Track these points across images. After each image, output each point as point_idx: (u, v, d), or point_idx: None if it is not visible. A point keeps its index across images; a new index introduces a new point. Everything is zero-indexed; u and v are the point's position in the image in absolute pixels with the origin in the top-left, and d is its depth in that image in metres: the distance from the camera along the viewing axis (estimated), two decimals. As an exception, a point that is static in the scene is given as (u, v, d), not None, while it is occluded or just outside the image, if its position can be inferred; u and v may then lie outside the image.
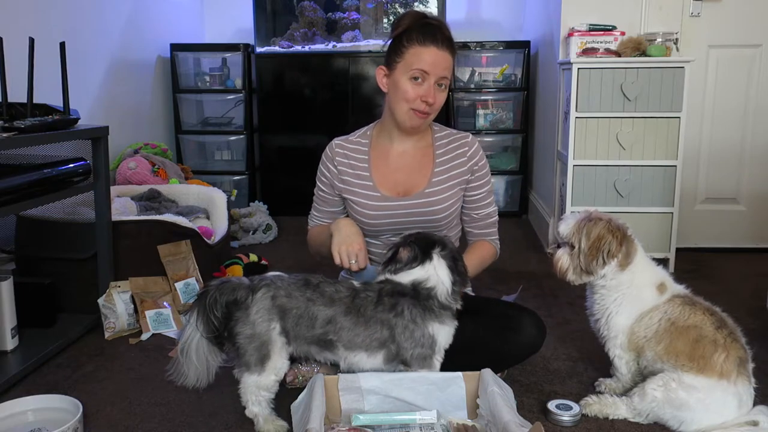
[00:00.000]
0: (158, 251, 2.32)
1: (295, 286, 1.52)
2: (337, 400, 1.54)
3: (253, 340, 1.48)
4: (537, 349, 1.76)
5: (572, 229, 1.63)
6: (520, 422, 1.35)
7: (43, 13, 2.69)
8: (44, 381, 1.82)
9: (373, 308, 1.50)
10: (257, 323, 1.48)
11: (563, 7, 3.04)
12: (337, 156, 1.87)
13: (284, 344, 1.51)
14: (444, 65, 1.73)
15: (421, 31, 1.71)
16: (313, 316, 1.49)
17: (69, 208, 2.28)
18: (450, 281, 1.52)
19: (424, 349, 1.52)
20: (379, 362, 1.54)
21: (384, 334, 1.51)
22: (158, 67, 3.90)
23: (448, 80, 1.76)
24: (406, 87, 1.73)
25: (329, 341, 1.51)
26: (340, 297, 1.51)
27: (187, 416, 1.63)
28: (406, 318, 1.50)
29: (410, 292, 1.51)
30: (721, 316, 1.57)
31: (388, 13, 4.10)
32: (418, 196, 1.80)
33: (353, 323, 1.50)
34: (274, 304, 1.49)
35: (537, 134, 3.95)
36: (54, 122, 1.90)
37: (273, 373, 1.51)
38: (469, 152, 1.84)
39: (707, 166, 3.17)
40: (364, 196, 1.82)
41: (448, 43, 1.73)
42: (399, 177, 1.83)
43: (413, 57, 1.71)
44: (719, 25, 3.02)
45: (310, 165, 4.04)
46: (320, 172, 1.92)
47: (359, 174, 1.84)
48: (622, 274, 1.61)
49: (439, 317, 1.52)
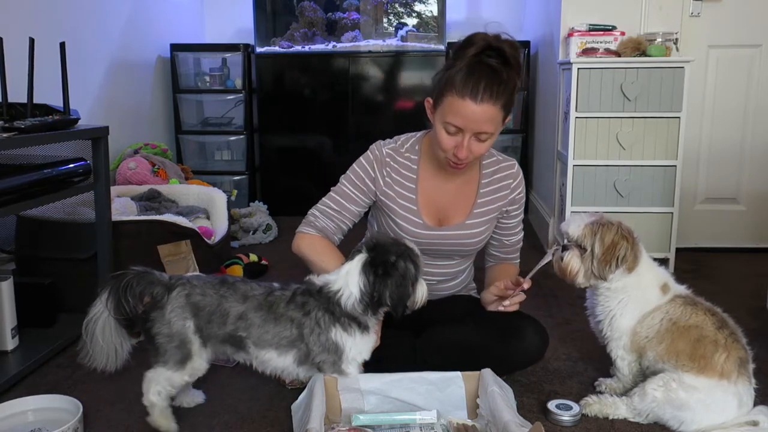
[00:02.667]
0: (158, 251, 2.32)
1: (210, 285, 1.51)
2: (337, 400, 1.54)
3: (173, 339, 1.48)
4: (539, 358, 1.77)
5: (583, 231, 1.60)
6: (520, 422, 1.35)
7: (43, 13, 2.69)
8: (44, 381, 1.82)
9: (284, 306, 1.49)
10: (173, 322, 1.47)
11: (563, 7, 3.03)
12: (387, 167, 1.74)
13: (200, 345, 1.50)
14: (483, 120, 1.54)
15: (466, 76, 1.52)
16: (224, 312, 1.48)
17: (69, 208, 2.27)
18: (360, 292, 1.46)
19: (331, 354, 1.49)
20: (290, 362, 1.51)
21: (293, 332, 1.48)
22: (158, 67, 3.90)
23: (491, 133, 1.58)
24: (441, 134, 1.60)
25: (239, 338, 1.49)
26: (254, 294, 1.50)
27: (187, 416, 1.63)
28: (313, 319, 1.48)
29: (318, 294, 1.49)
30: (722, 316, 1.57)
31: (388, 13, 4.10)
32: (457, 227, 1.75)
33: (263, 319, 1.48)
34: (188, 301, 1.48)
35: (537, 134, 3.95)
36: (54, 122, 1.90)
37: (189, 374, 1.51)
38: (513, 184, 1.79)
39: (707, 166, 3.17)
40: (406, 219, 1.74)
41: (495, 93, 1.52)
42: (442, 203, 1.76)
43: (448, 107, 1.55)
44: (719, 25, 3.02)
45: (310, 165, 4.09)
46: (361, 170, 1.76)
47: (405, 195, 1.74)
48: (628, 277, 1.61)
49: (343, 325, 1.47)
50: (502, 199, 1.79)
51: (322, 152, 4.07)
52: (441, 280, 1.84)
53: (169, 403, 1.54)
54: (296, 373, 1.55)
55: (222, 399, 1.71)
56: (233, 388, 1.77)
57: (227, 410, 1.65)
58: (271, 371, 1.55)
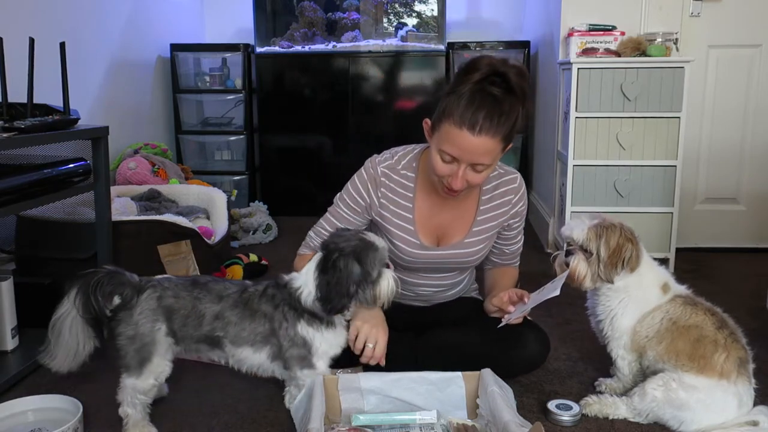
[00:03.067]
0: (158, 251, 2.32)
1: (183, 287, 1.50)
2: (337, 400, 1.54)
3: (134, 341, 1.46)
4: (540, 365, 1.77)
5: (588, 235, 1.59)
6: (520, 422, 1.35)
7: (43, 13, 2.69)
8: (44, 381, 1.82)
9: (258, 300, 1.50)
10: (140, 324, 1.46)
11: (563, 7, 3.04)
12: (382, 187, 1.68)
13: (170, 345, 1.50)
14: (480, 152, 1.47)
15: (465, 107, 1.44)
16: (200, 314, 1.48)
17: (69, 208, 2.27)
18: (316, 290, 1.45)
19: (300, 349, 1.49)
20: (264, 358, 1.52)
21: (266, 327, 1.49)
22: (158, 67, 3.90)
23: (489, 165, 1.51)
24: (436, 160, 1.53)
25: (216, 338, 1.49)
26: (228, 293, 1.50)
27: (187, 416, 1.63)
28: (281, 312, 1.48)
29: (283, 288, 1.50)
30: (722, 316, 1.57)
31: (388, 13, 4.10)
32: (455, 246, 1.72)
33: (240, 317, 1.48)
34: (160, 304, 1.47)
35: (537, 134, 3.95)
36: (54, 122, 1.90)
37: (152, 377, 1.49)
38: (515, 199, 1.73)
39: (707, 166, 3.17)
40: (403, 239, 1.69)
41: (495, 126, 1.44)
42: (440, 222, 1.72)
43: (445, 135, 1.48)
44: (719, 25, 3.02)
45: (310, 165, 4.09)
46: (355, 191, 1.70)
47: (401, 214, 1.69)
48: (629, 276, 1.61)
49: (308, 321, 1.48)
50: (503, 215, 1.74)
51: (322, 152, 4.07)
52: (440, 291, 1.83)
53: (146, 413, 1.53)
54: (271, 369, 1.54)
55: (222, 399, 1.71)
56: (233, 388, 1.77)
57: (227, 410, 1.65)
58: (248, 369, 1.55)
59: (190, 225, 2.49)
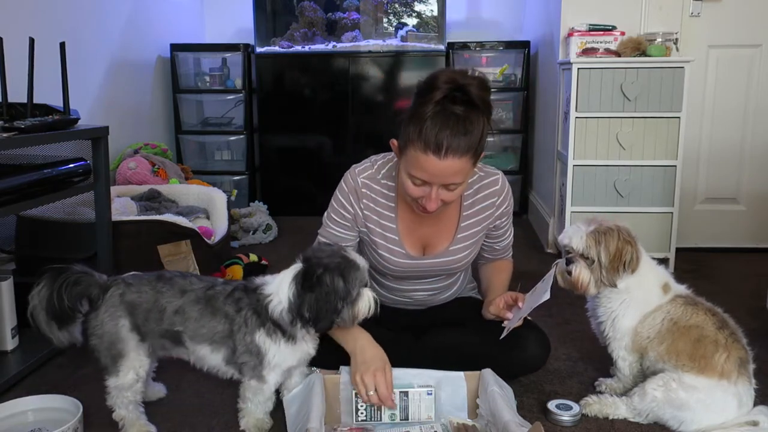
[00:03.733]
0: (158, 251, 2.32)
1: (146, 282, 1.51)
2: (337, 400, 1.54)
3: (103, 340, 1.48)
4: (540, 367, 1.77)
5: (586, 242, 1.58)
6: (520, 422, 1.36)
7: (43, 13, 2.69)
8: (44, 381, 1.82)
9: (222, 300, 1.48)
10: (105, 322, 1.47)
11: (563, 7, 3.04)
12: (364, 198, 1.66)
13: (138, 341, 1.50)
14: (448, 174, 1.44)
15: (428, 131, 1.40)
16: (161, 308, 1.48)
17: (69, 208, 2.27)
18: (288, 303, 1.42)
19: (252, 357, 1.47)
20: (220, 360, 1.50)
21: (225, 327, 1.47)
22: (158, 67, 3.90)
23: (461, 183, 1.48)
24: (407, 184, 1.50)
25: (177, 333, 1.49)
26: (192, 288, 1.49)
27: (187, 416, 1.63)
28: (242, 317, 1.46)
29: (252, 292, 1.48)
30: (722, 316, 1.57)
31: (388, 13, 4.10)
32: (441, 254, 1.70)
33: (200, 313, 1.47)
34: (122, 300, 1.48)
35: (537, 134, 3.95)
36: (54, 122, 1.90)
37: (131, 372, 1.50)
38: (498, 201, 1.71)
39: (707, 166, 3.17)
40: (389, 250, 1.68)
41: (460, 147, 1.40)
42: (424, 231, 1.69)
43: (413, 160, 1.44)
44: (719, 25, 3.02)
45: (310, 165, 4.09)
46: (339, 206, 1.68)
47: (385, 225, 1.67)
48: (630, 278, 1.60)
49: (268, 330, 1.45)
50: (488, 218, 1.72)
51: (322, 152, 4.07)
52: (434, 294, 1.82)
53: (140, 412, 1.54)
54: (226, 373, 1.53)
55: (222, 399, 1.71)
56: (233, 388, 1.76)
57: (227, 410, 1.65)
58: (208, 369, 1.54)
59: (190, 225, 2.49)
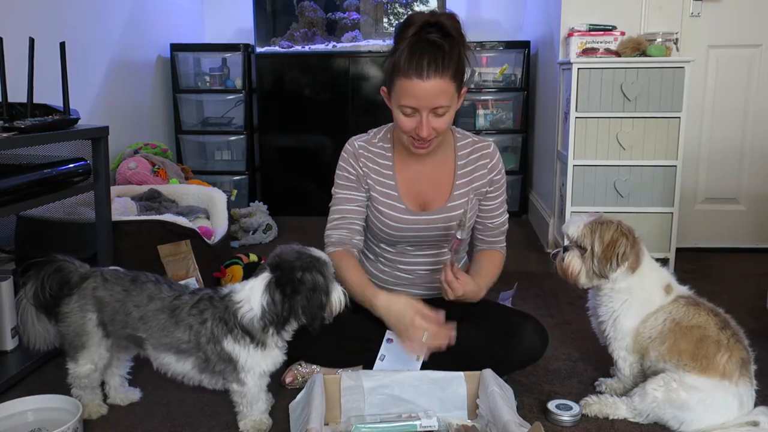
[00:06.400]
0: (158, 251, 2.32)
1: (121, 281, 1.51)
2: (337, 400, 1.54)
3: (70, 329, 1.51)
4: (538, 358, 1.76)
5: (582, 231, 1.60)
6: (520, 422, 1.36)
7: (43, 13, 2.69)
8: (44, 381, 1.82)
9: (187, 311, 1.47)
10: (73, 312, 1.50)
11: (563, 7, 3.04)
12: (362, 158, 1.77)
13: (103, 337, 1.51)
14: (434, 95, 1.55)
15: (409, 57, 1.54)
16: (128, 311, 1.49)
17: (69, 208, 2.27)
18: (262, 310, 1.42)
19: (227, 364, 1.47)
20: (189, 368, 1.50)
21: (191, 338, 1.46)
22: (158, 67, 3.90)
23: (448, 106, 1.60)
24: (399, 118, 1.63)
25: (140, 338, 1.50)
26: (161, 296, 1.49)
27: (187, 416, 1.63)
28: (208, 329, 1.45)
29: (220, 300, 1.47)
30: (724, 317, 1.57)
31: (388, 13, 4.10)
32: (439, 210, 1.76)
33: (164, 323, 1.47)
34: (94, 294, 1.50)
35: (537, 134, 3.95)
36: (54, 122, 1.90)
37: (89, 363, 1.53)
38: (490, 164, 1.79)
39: (707, 166, 3.17)
40: (389, 206, 1.76)
41: (440, 66, 1.54)
42: (421, 187, 1.78)
43: (400, 90, 1.58)
44: (719, 25, 3.02)
45: (310, 165, 4.09)
46: (344, 171, 1.78)
47: (384, 182, 1.77)
48: (631, 277, 1.61)
49: (235, 336, 1.44)
50: (481, 178, 1.78)
51: (322, 152, 4.07)
52: (433, 270, 1.82)
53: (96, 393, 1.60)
54: (199, 379, 1.52)
55: (222, 399, 1.71)
56: (233, 388, 1.76)
57: (227, 410, 1.65)
58: (172, 375, 1.54)
59: (190, 225, 2.49)
